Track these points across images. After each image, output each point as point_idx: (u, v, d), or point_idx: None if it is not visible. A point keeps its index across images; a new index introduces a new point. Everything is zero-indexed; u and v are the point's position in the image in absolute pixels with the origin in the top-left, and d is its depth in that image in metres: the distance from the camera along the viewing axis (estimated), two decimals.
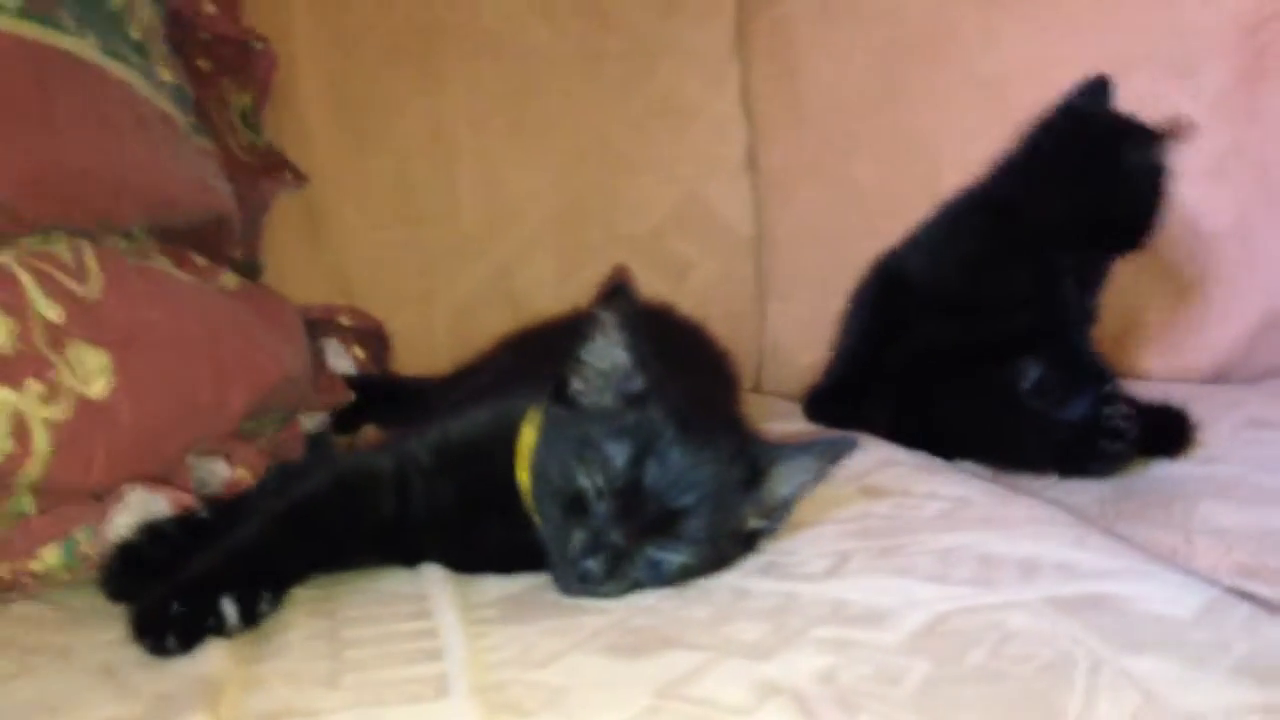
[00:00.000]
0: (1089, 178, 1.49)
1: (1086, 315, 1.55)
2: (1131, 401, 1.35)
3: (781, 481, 0.98)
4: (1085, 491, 1.27)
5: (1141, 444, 1.33)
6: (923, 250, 1.64)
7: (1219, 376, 1.88)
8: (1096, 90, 1.58)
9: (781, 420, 1.60)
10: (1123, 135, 1.50)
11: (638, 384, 0.94)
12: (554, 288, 1.79)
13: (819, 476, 0.98)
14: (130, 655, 0.79)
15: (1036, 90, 1.86)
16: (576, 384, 0.96)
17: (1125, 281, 1.84)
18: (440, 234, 1.77)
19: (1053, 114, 1.59)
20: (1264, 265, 1.86)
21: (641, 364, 0.94)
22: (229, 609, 0.82)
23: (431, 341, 1.75)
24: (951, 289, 1.55)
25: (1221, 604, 0.82)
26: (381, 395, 1.49)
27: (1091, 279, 1.55)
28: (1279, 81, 1.87)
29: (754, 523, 0.98)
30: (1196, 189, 1.85)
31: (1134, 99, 1.85)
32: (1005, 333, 1.47)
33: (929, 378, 1.48)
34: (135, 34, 1.25)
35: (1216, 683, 0.70)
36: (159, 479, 1.00)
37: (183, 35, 1.50)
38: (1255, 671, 0.71)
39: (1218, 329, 1.87)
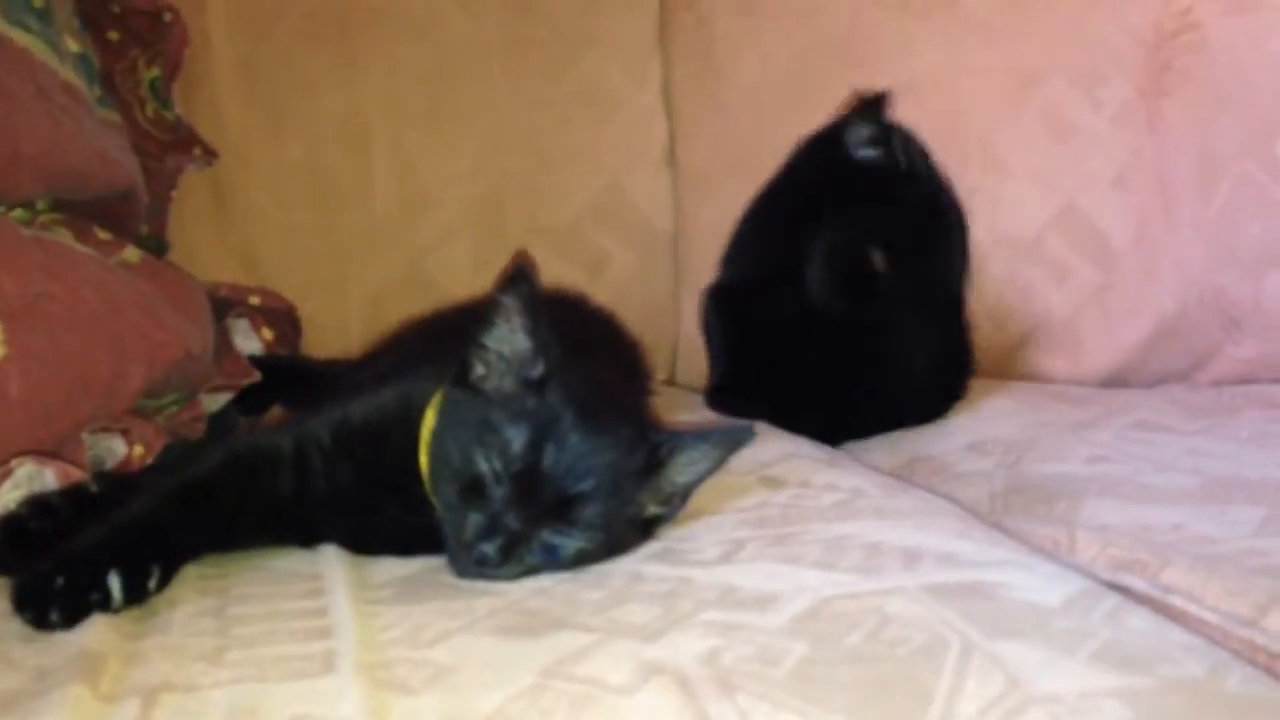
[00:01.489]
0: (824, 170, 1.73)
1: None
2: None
3: (680, 469, 0.99)
4: (978, 487, 1.31)
5: None
6: (738, 249, 1.79)
7: (1116, 380, 1.94)
8: (873, 105, 1.74)
9: (692, 412, 1.63)
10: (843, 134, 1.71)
11: (538, 369, 0.95)
12: (470, 276, 1.79)
13: (717, 464, 1.00)
14: (11, 628, 0.78)
15: (949, 96, 1.92)
16: (478, 369, 0.97)
17: (1026, 285, 1.90)
18: (353, 220, 1.77)
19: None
20: (1161, 273, 1.93)
21: (542, 350, 0.95)
22: (114, 584, 0.81)
23: (345, 326, 1.74)
24: (767, 273, 1.69)
25: (1090, 595, 0.85)
26: (289, 377, 1.48)
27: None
28: (1178, 96, 1.93)
29: (652, 509, 1.00)
30: (1098, 197, 1.92)
31: (1041, 108, 1.92)
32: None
33: (786, 364, 1.60)
34: (38, 1, 1.22)
35: (1077, 667, 0.73)
36: (50, 453, 0.99)
37: (94, 6, 1.48)
38: (1114, 658, 0.74)
39: (1115, 334, 1.93)
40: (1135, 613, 0.82)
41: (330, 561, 0.95)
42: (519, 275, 0.95)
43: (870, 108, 1.74)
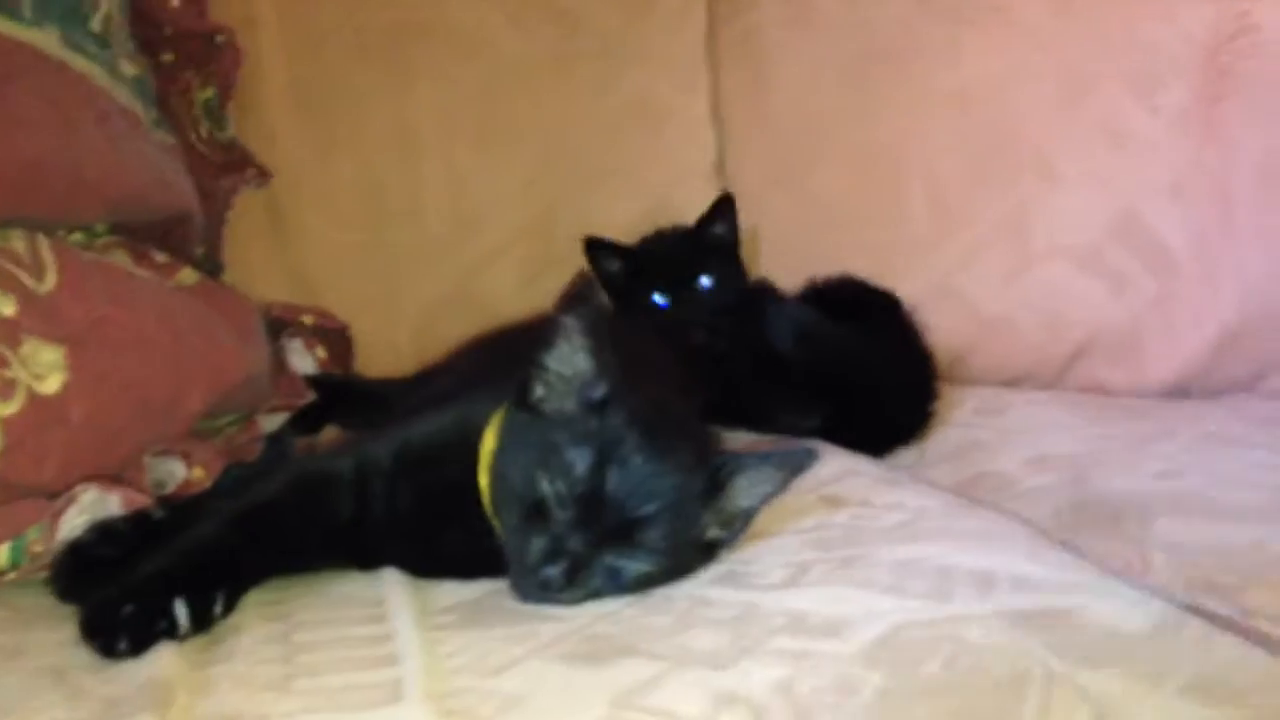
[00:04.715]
0: None
1: None
2: None
3: (742, 492, 0.98)
4: (1042, 504, 1.27)
5: None
6: None
7: (1177, 392, 1.89)
8: None
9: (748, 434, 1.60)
10: None
11: (600, 391, 0.94)
12: (519, 294, 1.78)
13: (780, 487, 0.98)
14: (80, 657, 0.78)
15: (1001, 103, 1.89)
16: (539, 390, 0.96)
17: (1083, 294, 1.87)
18: (404, 237, 1.76)
19: None
20: (1221, 282, 1.88)
21: (604, 371, 0.94)
22: (181, 611, 0.81)
23: (395, 344, 1.73)
24: None
25: (1174, 621, 0.83)
26: (343, 396, 1.48)
27: None
28: (1237, 101, 1.89)
29: (714, 532, 0.98)
30: (1156, 205, 1.88)
31: (1095, 114, 1.88)
32: None
33: None
34: (96, 26, 1.23)
35: (1166, 701, 0.70)
36: (113, 478, 0.99)
37: (147, 29, 1.48)
38: (1203, 691, 0.72)
39: (1176, 345, 1.89)
40: (1222, 640, 0.80)
41: (391, 585, 0.94)
42: (581, 296, 0.94)
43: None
